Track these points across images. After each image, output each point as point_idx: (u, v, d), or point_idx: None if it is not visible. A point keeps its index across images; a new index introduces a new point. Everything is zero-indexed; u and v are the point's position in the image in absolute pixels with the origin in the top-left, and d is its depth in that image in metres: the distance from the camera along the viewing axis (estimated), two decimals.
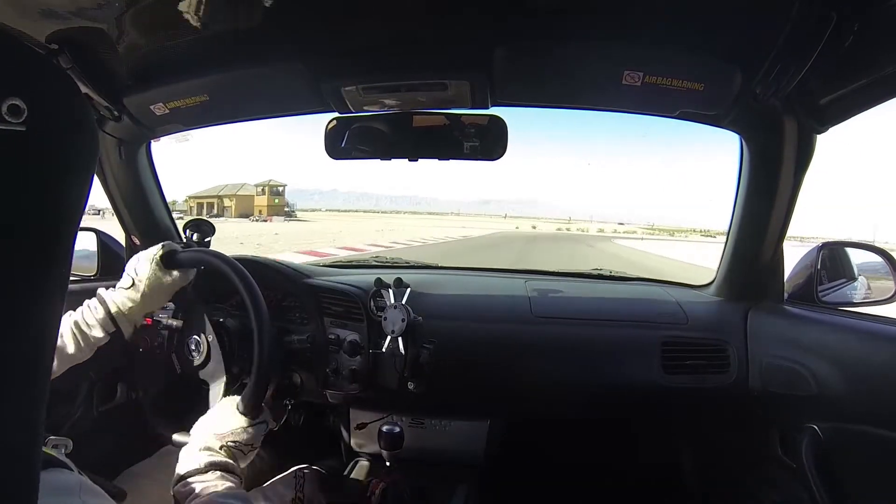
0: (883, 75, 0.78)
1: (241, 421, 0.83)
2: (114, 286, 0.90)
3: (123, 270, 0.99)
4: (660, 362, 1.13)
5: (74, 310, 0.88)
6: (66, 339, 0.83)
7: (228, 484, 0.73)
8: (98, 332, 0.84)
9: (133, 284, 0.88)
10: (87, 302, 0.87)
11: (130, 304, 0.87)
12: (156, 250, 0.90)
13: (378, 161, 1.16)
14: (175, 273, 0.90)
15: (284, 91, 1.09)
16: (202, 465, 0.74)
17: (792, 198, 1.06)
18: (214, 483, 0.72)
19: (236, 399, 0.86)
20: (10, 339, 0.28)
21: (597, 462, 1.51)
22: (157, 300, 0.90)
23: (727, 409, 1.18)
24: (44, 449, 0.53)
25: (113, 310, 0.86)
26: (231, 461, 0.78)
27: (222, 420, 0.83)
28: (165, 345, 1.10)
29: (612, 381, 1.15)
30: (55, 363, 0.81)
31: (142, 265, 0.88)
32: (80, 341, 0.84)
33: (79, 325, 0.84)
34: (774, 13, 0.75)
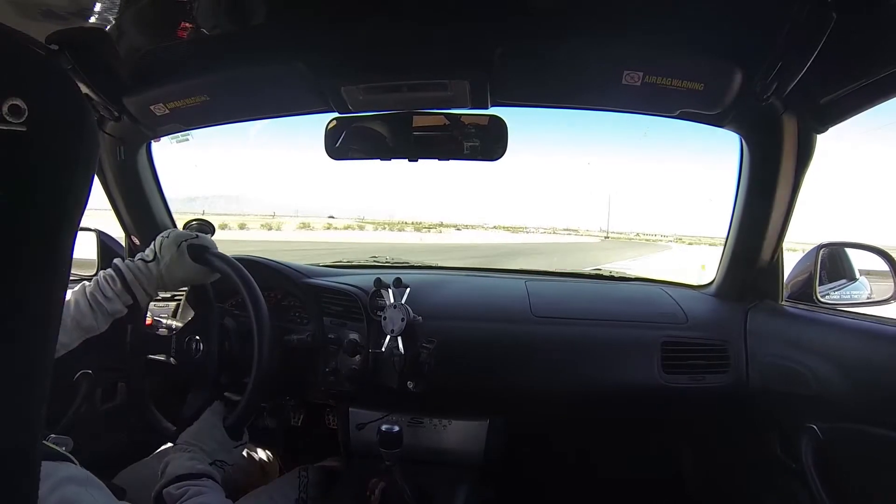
0: (883, 75, 0.78)
1: (226, 441, 0.85)
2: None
3: None
4: (660, 362, 1.13)
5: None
6: (83, 310, 0.81)
7: (221, 495, 0.74)
8: (117, 305, 0.84)
9: (154, 258, 0.87)
10: (101, 273, 0.86)
11: (147, 275, 0.86)
12: (187, 235, 0.89)
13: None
14: (196, 267, 0.89)
15: (285, 91, 1.09)
16: (196, 471, 0.75)
17: (792, 198, 1.06)
18: (209, 489, 0.73)
19: (219, 407, 0.88)
20: (10, 338, 0.28)
21: (596, 462, 1.51)
22: (171, 283, 0.90)
23: (727, 408, 1.18)
24: (48, 444, 0.54)
25: (128, 278, 0.85)
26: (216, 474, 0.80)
27: (210, 436, 0.84)
28: (165, 344, 1.10)
29: (612, 381, 1.15)
30: (72, 335, 0.80)
31: (168, 245, 0.87)
32: (98, 312, 0.82)
33: (96, 297, 0.83)
34: (774, 13, 0.75)
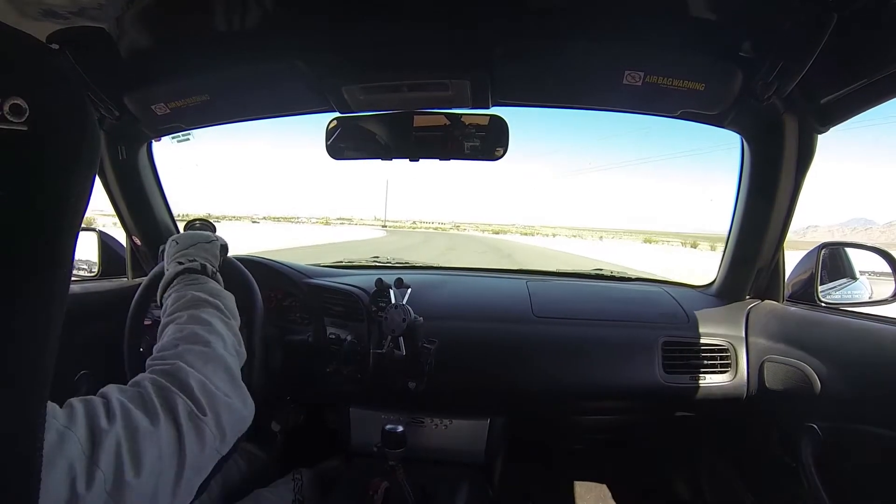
0: (883, 75, 0.78)
1: (201, 237, 0.76)
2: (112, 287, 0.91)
3: (124, 271, 0.98)
4: (660, 362, 1.13)
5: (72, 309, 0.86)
6: None
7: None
8: None
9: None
10: None
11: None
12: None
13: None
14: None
15: (285, 90, 1.08)
16: (172, 274, 0.68)
17: (793, 198, 1.06)
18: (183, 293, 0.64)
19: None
20: (11, 338, 0.28)
21: (597, 461, 1.51)
22: None
23: (727, 408, 1.18)
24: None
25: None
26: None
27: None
28: None
29: (613, 381, 1.15)
30: None
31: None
32: None
33: None
34: (775, 13, 0.75)
